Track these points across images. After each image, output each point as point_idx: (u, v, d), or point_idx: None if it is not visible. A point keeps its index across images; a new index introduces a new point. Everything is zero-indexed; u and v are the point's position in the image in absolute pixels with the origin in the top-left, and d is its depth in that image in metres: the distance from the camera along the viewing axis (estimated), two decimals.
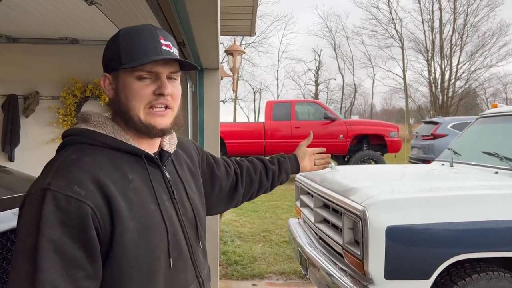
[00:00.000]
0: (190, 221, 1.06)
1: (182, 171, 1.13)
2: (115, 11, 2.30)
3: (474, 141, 3.65)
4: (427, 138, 9.64)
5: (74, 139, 0.97)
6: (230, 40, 21.20)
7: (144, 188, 0.96)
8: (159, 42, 0.98)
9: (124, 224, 0.88)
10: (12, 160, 3.57)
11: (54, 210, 0.83)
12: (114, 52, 0.98)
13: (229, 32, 6.24)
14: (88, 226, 0.84)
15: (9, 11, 2.65)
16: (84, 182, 0.86)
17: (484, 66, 30.56)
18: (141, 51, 0.96)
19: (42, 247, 0.81)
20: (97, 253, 0.86)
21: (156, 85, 0.97)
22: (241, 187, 1.43)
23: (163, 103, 0.98)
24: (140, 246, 0.91)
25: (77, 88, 3.58)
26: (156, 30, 1.00)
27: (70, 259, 0.83)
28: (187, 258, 1.03)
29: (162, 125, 0.99)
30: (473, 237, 2.07)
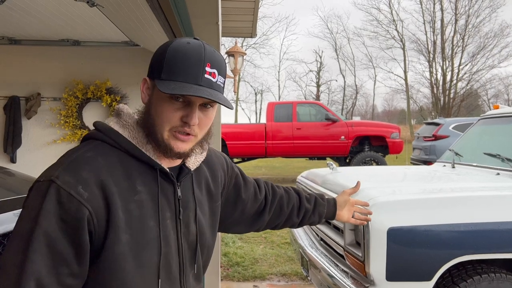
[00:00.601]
0: (189, 244, 1.04)
1: (199, 190, 1.10)
2: (117, 13, 2.30)
3: (476, 142, 3.65)
4: (428, 139, 9.63)
5: (99, 135, 0.97)
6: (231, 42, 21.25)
7: (149, 203, 0.95)
8: (203, 70, 0.93)
9: (117, 236, 0.88)
10: (14, 161, 3.58)
11: (55, 204, 0.84)
12: (158, 62, 0.95)
13: (230, 34, 6.25)
14: (82, 228, 0.85)
15: (11, 13, 2.66)
16: (90, 184, 0.87)
17: (486, 67, 30.56)
18: (181, 74, 0.92)
19: (36, 237, 0.83)
20: (86, 255, 0.88)
21: (185, 112, 0.94)
22: (267, 214, 1.37)
23: (187, 131, 0.95)
24: (128, 261, 0.90)
25: (78, 90, 3.59)
26: (205, 55, 0.94)
27: (59, 254, 0.84)
28: (175, 281, 1.00)
29: (180, 149, 0.97)
30: (475, 239, 2.06)
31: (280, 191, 1.43)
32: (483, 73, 30.89)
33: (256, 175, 13.27)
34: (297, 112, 11.38)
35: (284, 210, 1.39)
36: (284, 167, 15.54)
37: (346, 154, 11.19)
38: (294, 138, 11.08)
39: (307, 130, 11.11)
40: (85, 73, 3.64)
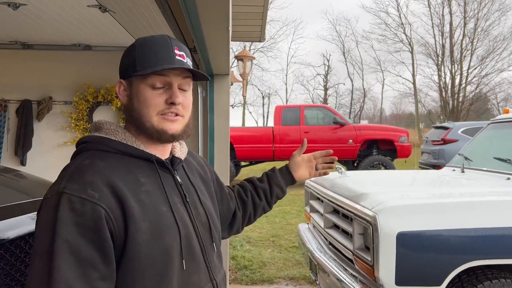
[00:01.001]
0: (203, 225, 1.08)
1: (194, 177, 1.16)
2: (128, 18, 2.33)
3: (486, 146, 3.63)
4: (437, 143, 9.57)
5: (88, 146, 1.01)
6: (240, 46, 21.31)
7: (156, 191, 0.99)
8: (173, 52, 1.02)
9: (137, 225, 0.91)
10: (24, 164, 3.63)
11: (69, 212, 0.86)
12: (130, 59, 1.02)
13: (239, 38, 6.28)
14: (102, 227, 0.87)
15: (24, 19, 2.70)
16: (98, 185, 0.90)
17: (495, 70, 30.24)
18: (155, 59, 1.00)
19: (58, 248, 0.83)
20: (111, 254, 0.88)
21: (168, 94, 1.01)
22: (238, 211, 1.42)
23: (174, 111, 1.02)
24: (153, 246, 0.92)
25: (89, 93, 3.64)
26: (171, 40, 1.04)
27: (85, 259, 0.85)
28: (200, 261, 1.04)
29: (173, 131, 1.02)
30: (485, 244, 2.05)
31: (235, 187, 1.49)
32: (493, 77, 30.59)
33: None
34: (305, 116, 11.37)
35: (245, 200, 1.44)
36: None
37: (354, 158, 11.15)
38: (302, 141, 11.05)
39: (315, 134, 11.09)
40: (96, 77, 3.68)
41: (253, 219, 1.48)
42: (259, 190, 1.48)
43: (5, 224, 1.25)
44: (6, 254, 1.21)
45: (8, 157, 3.67)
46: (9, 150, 3.68)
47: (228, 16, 1.92)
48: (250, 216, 1.46)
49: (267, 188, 1.49)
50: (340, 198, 2.64)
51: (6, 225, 1.25)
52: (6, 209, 1.36)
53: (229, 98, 3.61)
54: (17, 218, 1.31)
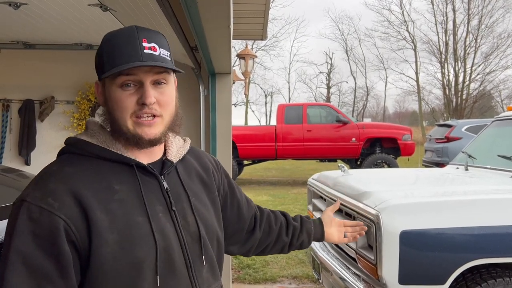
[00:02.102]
0: (192, 235, 0.98)
1: (190, 181, 1.06)
2: (129, 17, 2.33)
3: (490, 144, 3.60)
4: (441, 141, 9.53)
5: (67, 149, 0.97)
6: (242, 44, 21.31)
7: (132, 200, 0.91)
8: (140, 46, 0.92)
9: (102, 237, 0.85)
10: (29, 164, 3.64)
11: (27, 221, 0.82)
12: (99, 59, 0.95)
13: (241, 36, 6.28)
14: (59, 238, 0.82)
15: (26, 18, 2.70)
16: (59, 194, 0.85)
17: (499, 68, 30.13)
18: (120, 57, 0.91)
19: (11, 258, 0.81)
20: (69, 268, 0.83)
21: (139, 93, 0.92)
22: (259, 232, 1.31)
23: (148, 112, 0.93)
24: (121, 260, 0.86)
25: (91, 93, 3.64)
26: (138, 32, 0.93)
27: (39, 271, 0.81)
28: (182, 276, 0.95)
29: (150, 136, 0.94)
30: (489, 242, 2.04)
31: (266, 210, 1.39)
32: (497, 74, 30.47)
33: (267, 177, 13.27)
34: (308, 114, 11.36)
35: (273, 227, 1.33)
36: (295, 169, 15.51)
37: (357, 156, 11.13)
38: (305, 140, 11.06)
39: (318, 132, 11.08)
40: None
41: (268, 250, 1.36)
42: (290, 226, 1.37)
43: (4, 224, 1.25)
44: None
45: (12, 157, 3.68)
46: (12, 150, 3.69)
47: (229, 14, 1.92)
48: (267, 246, 1.34)
49: (298, 229, 1.38)
50: (343, 197, 2.63)
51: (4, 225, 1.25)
52: (7, 208, 1.35)
53: (231, 97, 3.60)
54: None
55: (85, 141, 0.95)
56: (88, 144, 0.95)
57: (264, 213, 1.36)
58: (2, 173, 1.88)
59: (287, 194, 9.53)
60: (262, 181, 12.27)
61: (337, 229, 1.46)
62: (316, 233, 1.41)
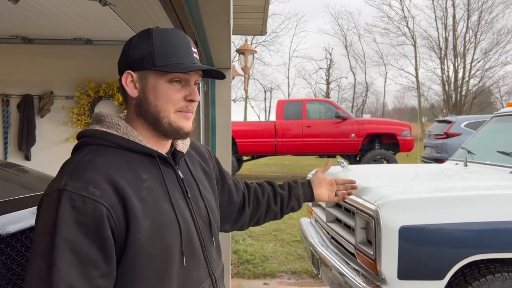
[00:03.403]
0: (203, 219, 1.07)
1: (195, 170, 1.14)
2: (129, 12, 2.32)
3: (489, 140, 3.61)
4: (440, 137, 9.54)
5: (88, 141, 0.99)
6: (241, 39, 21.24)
7: (158, 188, 0.97)
8: (191, 50, 1.02)
9: (138, 223, 0.90)
10: (29, 159, 3.63)
11: (70, 210, 0.85)
12: (146, 52, 0.98)
13: (241, 32, 6.26)
14: (103, 225, 0.86)
15: (25, 13, 2.69)
16: (99, 182, 0.88)
17: (499, 64, 30.11)
18: (176, 56, 0.99)
19: (58, 246, 0.83)
20: (112, 252, 0.88)
21: (186, 91, 1.01)
22: (248, 208, 1.39)
23: (191, 109, 1.03)
24: (154, 244, 0.92)
25: (90, 88, 3.63)
26: (187, 37, 1.04)
27: (86, 258, 0.84)
28: (200, 256, 1.03)
29: (188, 128, 1.03)
30: (487, 238, 2.05)
31: (253, 185, 1.45)
32: (496, 70, 30.47)
33: (266, 173, 13.28)
34: (307, 110, 11.35)
35: (260, 200, 1.41)
36: (294, 165, 15.52)
37: (357, 152, 11.13)
38: (304, 136, 11.06)
39: (317, 128, 11.08)
40: (97, 71, 3.67)
41: (261, 221, 1.45)
42: (277, 195, 1.44)
43: (6, 219, 1.25)
44: (7, 248, 1.21)
45: (12, 152, 3.68)
46: (12, 145, 3.68)
47: (229, 9, 1.91)
48: (259, 218, 1.43)
49: (286, 197, 1.45)
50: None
51: (7, 219, 1.25)
52: (8, 203, 1.36)
53: (230, 92, 3.60)
54: (19, 212, 1.31)
55: (109, 133, 0.99)
56: (112, 135, 0.98)
57: (251, 189, 1.42)
58: (2, 168, 1.88)
59: None
60: (261, 177, 12.28)
61: (328, 187, 1.54)
62: (306, 196, 1.49)
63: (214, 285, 1.07)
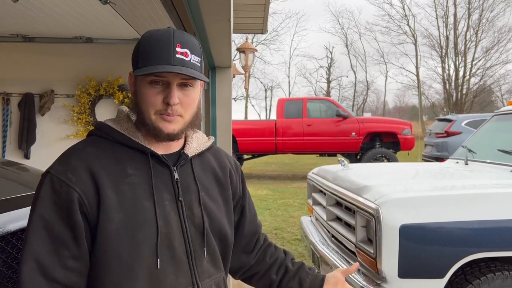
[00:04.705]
0: (196, 226, 1.04)
1: (203, 176, 1.11)
2: (129, 10, 2.32)
3: (490, 139, 3.61)
4: (440, 136, 9.54)
5: (94, 132, 1.06)
6: (242, 38, 21.22)
7: (142, 185, 0.98)
8: (173, 51, 0.98)
9: (108, 214, 0.92)
10: (28, 157, 3.64)
11: (49, 191, 0.92)
12: (135, 54, 1.03)
13: (241, 30, 6.25)
14: (73, 209, 0.91)
15: (25, 11, 2.69)
16: (78, 169, 0.94)
17: (500, 62, 30.07)
18: (154, 58, 0.97)
19: (33, 222, 0.91)
20: (82, 237, 0.92)
21: (165, 93, 0.99)
22: (253, 257, 1.27)
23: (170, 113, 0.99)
24: (124, 239, 0.93)
25: (91, 87, 3.63)
26: (174, 37, 0.99)
27: (57, 237, 0.90)
28: (181, 262, 1.00)
29: (169, 130, 1.00)
30: (488, 236, 2.05)
31: (271, 242, 1.34)
32: (497, 69, 30.43)
33: (266, 171, 13.28)
34: (308, 109, 11.35)
35: (266, 259, 1.28)
36: (295, 163, 15.52)
37: (357, 151, 11.13)
38: (305, 134, 11.06)
39: (318, 127, 11.08)
40: (98, 70, 3.67)
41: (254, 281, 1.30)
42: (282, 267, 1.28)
43: (7, 217, 1.26)
44: (7, 246, 1.22)
45: (12, 150, 3.68)
46: (12, 144, 3.69)
47: (230, 8, 1.91)
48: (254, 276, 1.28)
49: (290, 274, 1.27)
50: (342, 191, 2.63)
51: (7, 218, 1.25)
52: (8, 201, 1.36)
53: (231, 91, 3.60)
54: (18, 211, 1.31)
55: (109, 126, 1.03)
56: (111, 129, 1.03)
57: (265, 243, 1.32)
58: (2, 166, 1.88)
59: (287, 188, 9.54)
60: (262, 175, 12.28)
61: None
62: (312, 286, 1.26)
63: None
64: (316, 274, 1.29)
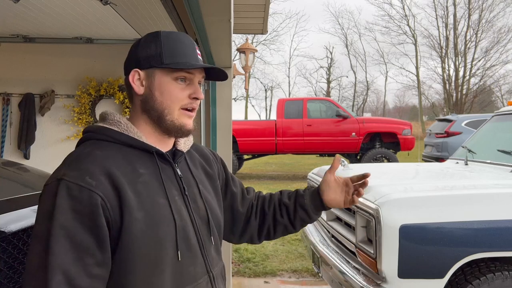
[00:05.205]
0: (202, 218, 1.08)
1: (196, 170, 1.16)
2: (130, 11, 2.32)
3: (489, 139, 3.61)
4: (440, 136, 9.54)
5: (91, 135, 1.03)
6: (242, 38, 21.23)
7: (154, 183, 1.00)
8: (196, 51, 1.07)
9: (132, 215, 0.92)
10: (27, 158, 3.64)
11: (67, 198, 0.88)
12: (154, 50, 1.03)
13: (241, 30, 6.25)
14: (97, 214, 0.89)
15: (26, 11, 2.69)
16: (95, 173, 0.91)
17: (500, 62, 30.08)
18: (183, 55, 1.03)
19: (55, 232, 0.86)
20: (106, 241, 0.90)
21: (191, 89, 1.04)
22: (255, 220, 1.31)
23: (195, 107, 1.06)
24: (148, 237, 0.94)
25: (91, 87, 3.63)
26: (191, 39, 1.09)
27: (81, 245, 0.87)
28: (197, 253, 1.04)
29: (190, 126, 1.06)
30: (488, 236, 2.05)
31: (265, 195, 1.36)
32: (497, 69, 30.44)
33: (267, 171, 13.28)
34: (308, 109, 11.35)
35: (265, 211, 1.31)
36: (295, 163, 15.52)
37: (357, 151, 11.13)
38: (305, 134, 11.06)
39: (318, 127, 11.08)
40: (98, 70, 3.67)
41: (272, 234, 1.32)
42: (282, 206, 1.30)
43: (7, 217, 1.26)
44: (8, 247, 1.22)
45: (11, 150, 3.68)
46: (12, 144, 3.68)
47: (230, 8, 1.91)
48: (269, 231, 1.31)
49: (291, 207, 1.29)
50: None
51: (8, 218, 1.26)
52: (9, 202, 1.36)
53: (231, 91, 3.60)
54: (20, 211, 1.31)
55: (110, 128, 1.02)
56: (112, 131, 1.02)
57: (259, 199, 1.35)
58: (2, 167, 1.89)
59: (287, 188, 9.52)
60: (262, 175, 12.28)
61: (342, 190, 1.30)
62: (315, 205, 1.29)
63: (212, 283, 1.08)
64: (312, 192, 1.31)
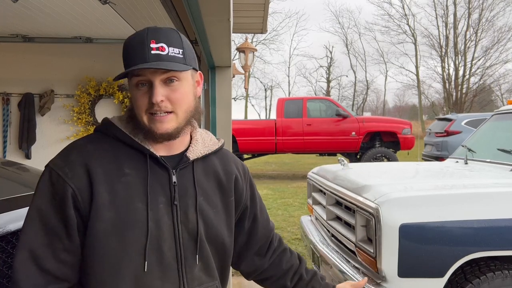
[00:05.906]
0: (189, 232, 1.01)
1: (205, 180, 1.08)
2: (129, 11, 2.32)
3: (489, 138, 3.61)
4: (440, 135, 9.54)
5: (99, 127, 1.07)
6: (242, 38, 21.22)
7: (137, 185, 0.97)
8: (148, 48, 0.95)
9: (98, 212, 0.93)
10: (29, 157, 3.64)
11: (47, 184, 0.95)
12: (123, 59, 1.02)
13: (241, 30, 6.25)
14: (66, 204, 0.93)
15: (25, 11, 2.69)
16: (75, 165, 0.95)
17: (500, 61, 30.08)
18: (130, 59, 0.96)
19: (31, 213, 0.94)
20: (74, 230, 0.94)
21: (150, 93, 0.96)
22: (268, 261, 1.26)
23: (158, 110, 0.97)
24: (112, 239, 0.93)
25: (91, 87, 3.63)
26: (148, 34, 0.97)
27: (52, 229, 0.93)
28: (169, 267, 0.98)
29: (162, 130, 0.98)
30: (488, 235, 2.05)
31: (286, 245, 1.33)
32: (497, 68, 30.44)
33: (266, 171, 13.28)
34: (307, 108, 11.34)
35: (282, 265, 1.27)
36: (295, 163, 15.52)
37: (357, 150, 11.13)
38: (305, 134, 11.06)
39: (318, 126, 11.08)
40: (98, 70, 3.67)
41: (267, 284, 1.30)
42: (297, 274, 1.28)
43: (7, 217, 1.26)
44: (7, 246, 1.22)
45: (12, 150, 3.69)
46: (12, 144, 3.69)
47: (229, 7, 1.91)
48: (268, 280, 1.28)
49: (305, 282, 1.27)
50: (342, 190, 2.64)
51: (8, 217, 1.26)
52: (9, 201, 1.36)
53: (231, 90, 3.60)
54: (19, 211, 1.31)
55: (113, 124, 1.04)
56: (114, 127, 1.03)
57: (281, 247, 1.31)
58: (3, 167, 1.89)
59: (286, 188, 9.54)
60: (262, 175, 12.28)
61: None
62: None
63: None
64: (327, 284, 1.30)
